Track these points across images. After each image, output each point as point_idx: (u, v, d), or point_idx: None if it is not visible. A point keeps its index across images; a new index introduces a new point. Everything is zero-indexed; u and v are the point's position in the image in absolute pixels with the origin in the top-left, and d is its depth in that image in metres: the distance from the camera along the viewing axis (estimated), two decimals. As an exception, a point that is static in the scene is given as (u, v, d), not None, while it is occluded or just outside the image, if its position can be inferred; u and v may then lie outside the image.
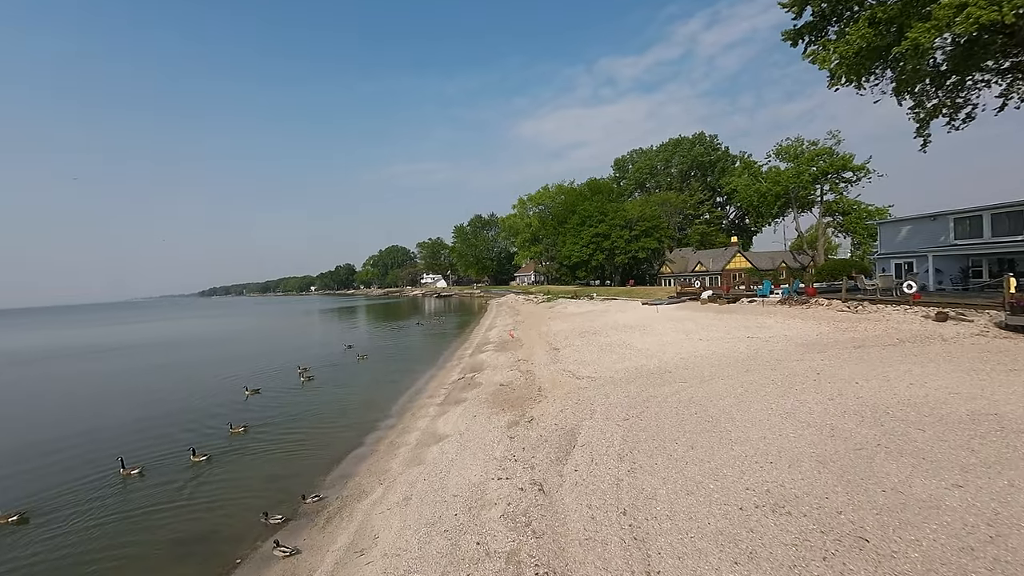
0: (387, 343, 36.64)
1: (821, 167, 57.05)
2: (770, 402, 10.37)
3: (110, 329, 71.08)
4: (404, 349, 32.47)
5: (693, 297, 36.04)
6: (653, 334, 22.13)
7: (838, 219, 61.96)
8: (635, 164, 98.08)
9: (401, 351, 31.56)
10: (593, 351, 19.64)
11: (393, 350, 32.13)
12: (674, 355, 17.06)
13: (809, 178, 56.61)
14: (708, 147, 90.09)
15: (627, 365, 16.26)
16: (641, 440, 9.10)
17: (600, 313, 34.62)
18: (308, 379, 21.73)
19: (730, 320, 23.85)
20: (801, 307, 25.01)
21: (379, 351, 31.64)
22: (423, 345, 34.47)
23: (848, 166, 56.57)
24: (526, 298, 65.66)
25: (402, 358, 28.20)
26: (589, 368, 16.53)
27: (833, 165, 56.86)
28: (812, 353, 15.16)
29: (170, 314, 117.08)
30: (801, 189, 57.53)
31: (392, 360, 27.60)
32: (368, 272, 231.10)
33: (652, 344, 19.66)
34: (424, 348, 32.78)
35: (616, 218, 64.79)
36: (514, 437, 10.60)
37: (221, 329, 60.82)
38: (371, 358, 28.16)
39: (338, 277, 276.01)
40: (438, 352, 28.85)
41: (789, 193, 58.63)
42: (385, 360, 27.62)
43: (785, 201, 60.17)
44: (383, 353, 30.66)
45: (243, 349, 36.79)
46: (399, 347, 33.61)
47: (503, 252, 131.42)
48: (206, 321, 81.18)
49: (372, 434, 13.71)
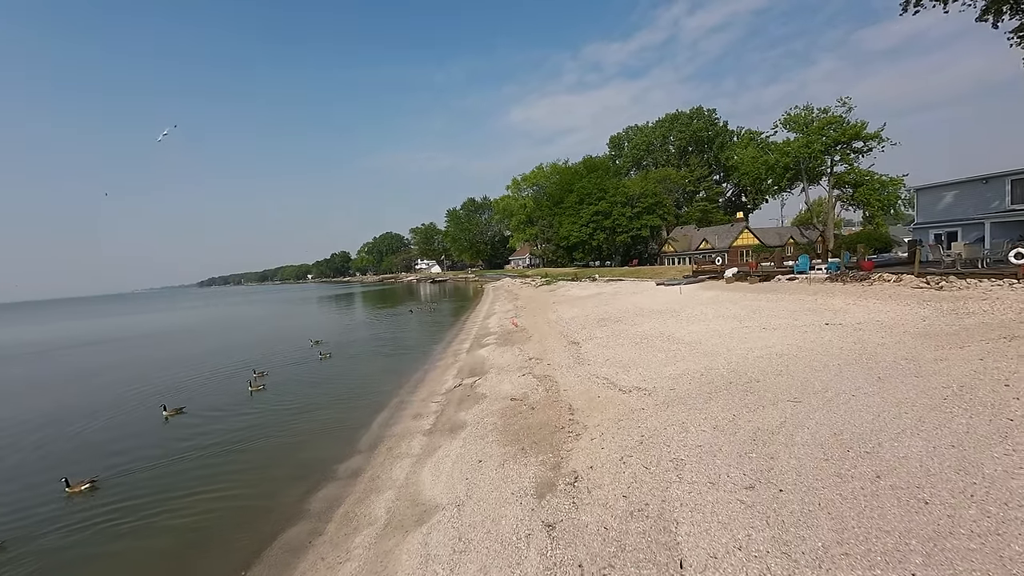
0: (372, 334, 31.32)
1: (832, 136, 52.05)
2: (988, 449, 5.52)
3: (70, 324, 64.94)
4: (390, 342, 27.16)
5: (713, 276, 31.26)
6: (694, 321, 17.27)
7: (847, 191, 57.09)
8: (631, 141, 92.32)
9: (387, 344, 26.33)
10: (626, 346, 14.74)
11: (377, 343, 26.89)
12: (743, 351, 12.19)
13: (821, 147, 51.65)
14: (707, 122, 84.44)
15: (684, 368, 11.38)
16: (819, 557, 4.22)
17: (611, 296, 29.74)
18: (260, 388, 16.65)
19: (782, 302, 19.03)
20: (859, 284, 20.27)
21: (361, 344, 26.67)
22: (413, 337, 29.18)
23: (861, 135, 51.63)
24: (523, 281, 60.64)
25: (387, 354, 23.11)
26: (633, 373, 11.62)
27: (845, 134, 51.86)
28: (946, 348, 10.32)
29: (159, 306, 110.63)
30: (812, 160, 52.64)
31: (375, 356, 22.56)
32: (363, 259, 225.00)
33: (701, 334, 14.79)
34: (414, 341, 27.46)
35: (617, 195, 59.47)
36: (553, 527, 5.68)
37: (196, 320, 55.25)
38: (352, 354, 23.17)
39: (334, 265, 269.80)
40: (429, 346, 23.84)
41: (799, 164, 53.79)
42: (367, 357, 22.59)
43: (795, 173, 55.29)
44: (365, 347, 25.59)
45: (201, 346, 31.04)
46: (385, 340, 28.29)
47: (497, 236, 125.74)
48: (188, 312, 75.31)
49: (322, 491, 8.72)
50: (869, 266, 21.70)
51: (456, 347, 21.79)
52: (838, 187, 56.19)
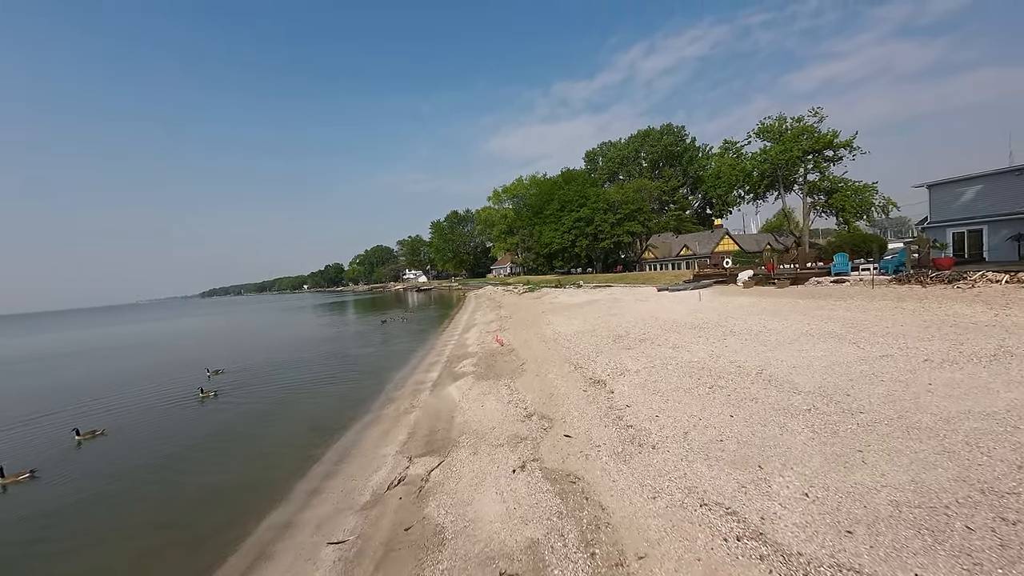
0: (322, 352, 21.96)
1: (805, 144, 46.99)
2: None
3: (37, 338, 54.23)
4: (335, 367, 17.90)
5: (722, 280, 24.65)
6: (768, 342, 10.23)
7: (820, 199, 51.87)
8: (605, 156, 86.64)
9: (328, 370, 17.34)
10: (694, 392, 7.54)
11: (317, 369, 17.74)
12: (949, 410, 5.17)
13: (799, 152, 46.48)
14: (676, 137, 79.47)
15: (904, 477, 4.25)
16: None
17: (611, 304, 22.68)
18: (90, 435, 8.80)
19: (878, 312, 12.21)
20: (949, 287, 13.75)
21: (295, 370, 17.76)
22: (370, 357, 19.75)
23: (833, 143, 46.68)
24: (505, 289, 53.23)
25: (312, 390, 14.24)
26: (780, 483, 4.43)
27: (819, 142, 46.85)
28: None
29: (156, 315, 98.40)
30: (789, 167, 47.49)
31: (293, 395, 13.82)
32: (355, 270, 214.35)
33: (817, 370, 7.74)
34: (368, 363, 18.28)
35: (599, 201, 52.87)
36: None
37: (134, 333, 45.58)
38: (257, 392, 14.57)
39: (328, 275, 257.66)
40: (385, 374, 15.69)
41: (776, 171, 48.59)
42: (281, 396, 13.87)
43: (771, 180, 50.03)
44: (296, 376, 16.51)
45: (97, 372, 22.04)
46: (331, 363, 18.92)
47: (479, 246, 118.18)
48: (165, 323, 64.90)
49: None
50: (948, 263, 15.25)
51: (420, 376, 14.11)
52: (811, 194, 51.27)
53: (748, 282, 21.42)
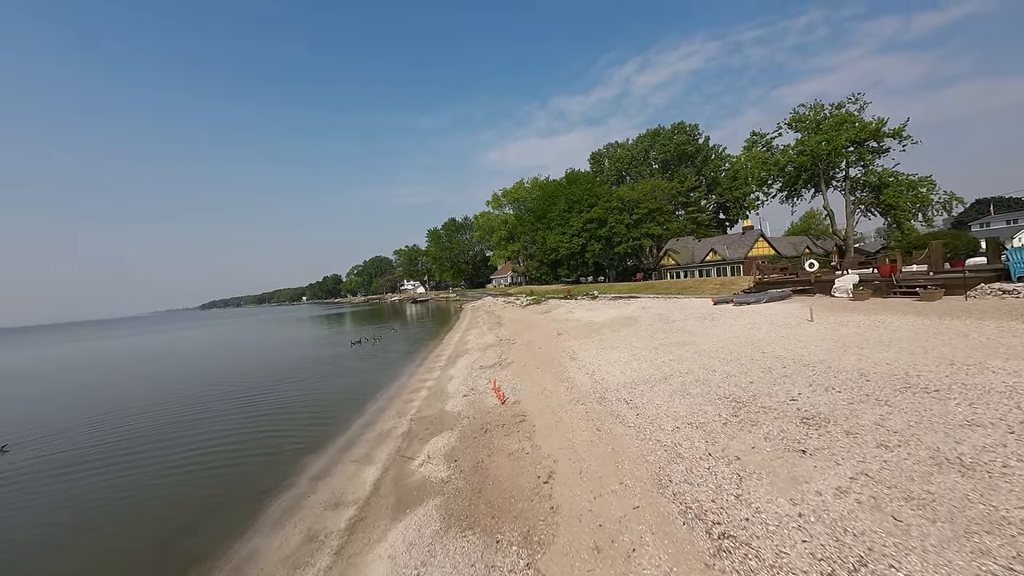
0: (237, 401, 13.80)
1: (850, 134, 40.28)
2: None
3: None
4: (230, 434, 10.48)
5: (804, 288, 17.88)
6: None
7: (865, 195, 44.79)
8: (612, 157, 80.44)
9: (216, 439, 10.20)
10: None
11: (196, 441, 10.31)
12: None
13: (846, 142, 39.80)
14: (689, 136, 73.23)
15: None
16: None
17: (660, 323, 15.84)
18: None
19: None
20: None
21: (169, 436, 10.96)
22: (301, 411, 12.10)
23: (879, 133, 40.03)
24: (506, 300, 46.36)
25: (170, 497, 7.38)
26: None
27: (864, 131, 40.23)
28: None
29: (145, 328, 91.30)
30: (834, 156, 40.83)
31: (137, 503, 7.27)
32: (353, 281, 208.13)
33: None
34: (285, 426, 10.75)
35: (612, 201, 46.24)
36: None
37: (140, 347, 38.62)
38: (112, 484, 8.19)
39: (326, 287, 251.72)
40: (297, 457, 8.58)
41: (817, 165, 42.00)
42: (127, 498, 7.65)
43: (810, 175, 43.32)
44: (159, 459, 9.56)
45: None
46: (234, 424, 11.31)
47: (478, 255, 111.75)
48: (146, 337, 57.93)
49: None
50: None
51: (354, 470, 7.27)
52: (855, 191, 44.50)
53: (861, 291, 14.57)
